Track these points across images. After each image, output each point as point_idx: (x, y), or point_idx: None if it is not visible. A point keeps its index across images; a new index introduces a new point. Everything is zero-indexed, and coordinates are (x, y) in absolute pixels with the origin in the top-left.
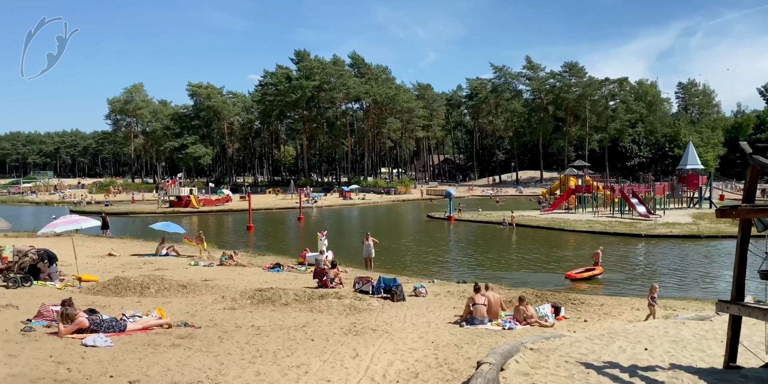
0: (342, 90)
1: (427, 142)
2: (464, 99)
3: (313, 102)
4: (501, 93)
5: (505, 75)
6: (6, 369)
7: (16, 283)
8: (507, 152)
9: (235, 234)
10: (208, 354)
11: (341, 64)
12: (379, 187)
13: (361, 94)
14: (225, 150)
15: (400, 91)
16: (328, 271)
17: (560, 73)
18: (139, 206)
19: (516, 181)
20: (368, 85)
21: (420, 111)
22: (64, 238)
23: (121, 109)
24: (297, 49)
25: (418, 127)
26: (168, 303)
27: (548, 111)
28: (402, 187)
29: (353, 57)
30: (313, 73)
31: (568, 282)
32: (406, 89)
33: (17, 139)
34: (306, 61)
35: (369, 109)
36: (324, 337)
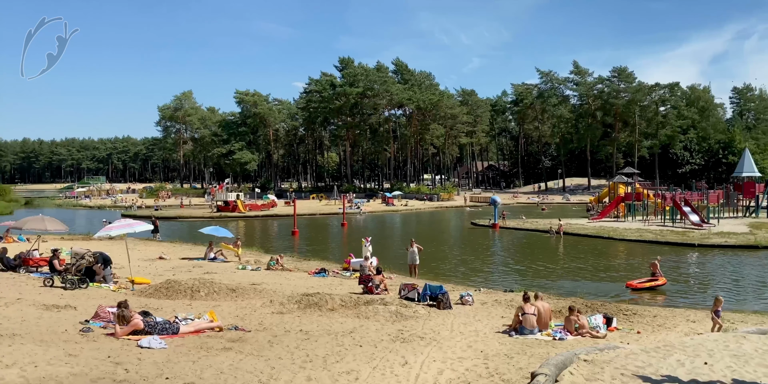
0: (385, 96)
1: (471, 148)
2: (509, 104)
3: (357, 108)
4: (547, 98)
5: (552, 80)
6: (67, 368)
7: (74, 284)
8: (553, 159)
9: (280, 239)
10: (259, 358)
11: (385, 71)
12: (421, 194)
13: (405, 101)
14: (270, 156)
15: (444, 97)
16: (373, 277)
17: (609, 78)
18: (188, 211)
19: (562, 189)
20: (411, 92)
21: (464, 117)
22: (117, 242)
23: (171, 116)
24: (341, 57)
25: (462, 133)
26: (218, 306)
27: (596, 117)
28: (445, 194)
29: (397, 63)
30: (357, 80)
31: (628, 291)
32: (449, 95)
33: (72, 145)
34: (350, 68)
35: (412, 115)
36: (372, 343)
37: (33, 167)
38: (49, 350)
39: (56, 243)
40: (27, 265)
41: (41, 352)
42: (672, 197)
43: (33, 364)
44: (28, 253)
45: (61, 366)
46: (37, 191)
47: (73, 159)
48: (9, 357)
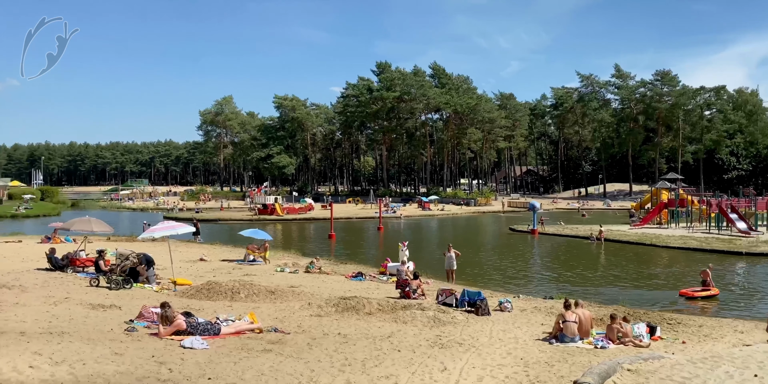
0: (422, 100)
1: (509, 152)
2: (549, 108)
3: (393, 113)
4: (588, 102)
5: (593, 84)
6: (114, 367)
7: (118, 284)
8: (594, 164)
9: (317, 242)
10: (299, 360)
11: (422, 75)
12: (458, 199)
13: (442, 105)
14: (308, 160)
15: (482, 101)
16: (410, 282)
17: (651, 82)
18: (227, 213)
19: (603, 194)
20: (449, 95)
21: (502, 121)
22: (159, 243)
23: (212, 121)
24: (378, 61)
25: (500, 138)
26: (257, 308)
27: (638, 121)
28: (482, 199)
29: (434, 67)
30: (394, 84)
31: (681, 300)
32: (487, 99)
33: (116, 149)
34: (387, 72)
35: (449, 119)
36: (410, 348)
37: (79, 170)
38: (96, 348)
39: (101, 244)
40: (74, 265)
41: (89, 350)
42: (718, 204)
43: (81, 362)
44: (75, 253)
45: (107, 364)
46: (82, 193)
47: (117, 162)
48: (59, 354)
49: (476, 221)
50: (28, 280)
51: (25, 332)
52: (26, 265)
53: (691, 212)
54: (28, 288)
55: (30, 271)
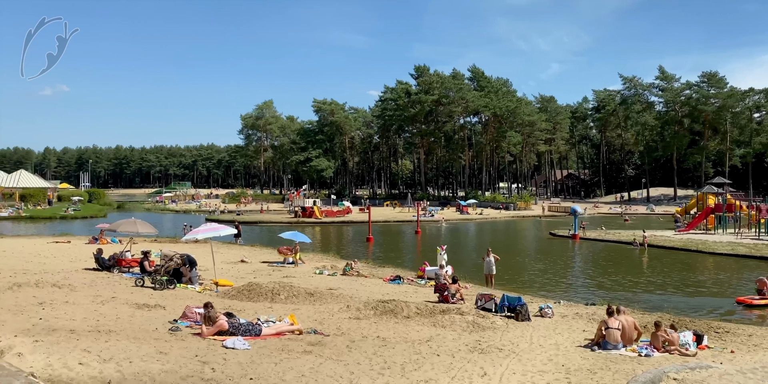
0: (461, 103)
1: (549, 156)
2: (590, 111)
3: (432, 116)
4: (631, 105)
5: (636, 86)
6: (159, 365)
7: (162, 285)
8: (637, 167)
9: (355, 245)
10: (339, 362)
11: (460, 78)
12: (497, 202)
13: (480, 108)
14: (346, 163)
15: (521, 104)
16: (449, 286)
17: (697, 84)
18: (267, 216)
19: (646, 199)
20: (488, 98)
21: (542, 124)
22: (202, 245)
23: (253, 125)
24: (416, 64)
25: (540, 141)
26: (297, 309)
27: (683, 124)
28: (522, 203)
29: (473, 70)
30: (432, 87)
31: (739, 308)
32: (527, 102)
33: (160, 152)
34: (425, 75)
35: (488, 122)
36: (449, 353)
37: (124, 173)
38: (142, 347)
39: (146, 245)
40: (120, 265)
41: (135, 349)
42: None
43: (128, 360)
44: (121, 254)
45: (153, 363)
46: (127, 196)
47: (161, 165)
48: (106, 352)
49: (515, 225)
50: (76, 279)
51: (75, 330)
52: (75, 265)
53: (740, 218)
54: (77, 287)
55: (78, 271)
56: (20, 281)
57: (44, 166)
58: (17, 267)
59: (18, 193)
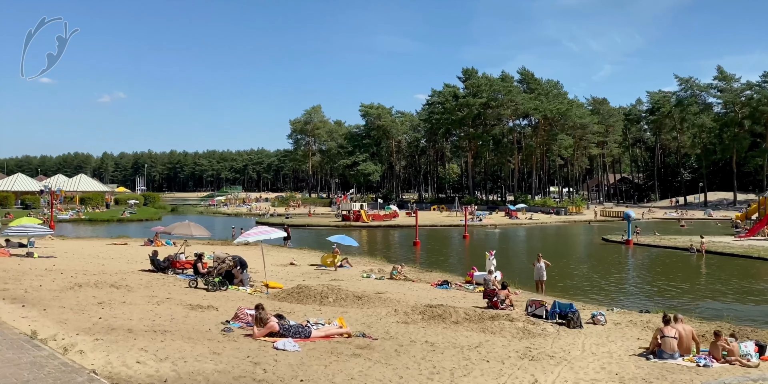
0: (510, 106)
1: (602, 159)
2: (644, 113)
3: (480, 119)
4: (687, 106)
5: (692, 87)
6: (212, 365)
7: (215, 286)
8: (693, 171)
9: (401, 249)
10: (387, 366)
11: (509, 81)
12: (547, 207)
13: (530, 110)
14: (392, 167)
15: (573, 106)
16: (498, 292)
17: (759, 84)
18: (315, 219)
19: (704, 203)
20: (538, 101)
21: (594, 127)
22: (252, 247)
23: (301, 129)
24: (464, 67)
25: (592, 144)
26: (345, 313)
27: (743, 125)
28: (573, 207)
29: (522, 72)
30: (481, 90)
31: None
32: (579, 104)
33: (213, 157)
34: (473, 78)
35: (538, 125)
36: (499, 359)
37: (178, 177)
38: (196, 347)
39: (199, 247)
40: (174, 267)
41: (189, 349)
42: None
43: (183, 360)
44: (175, 256)
45: (206, 363)
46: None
47: (213, 169)
48: (162, 351)
49: (567, 231)
50: (133, 280)
51: (132, 329)
52: (131, 266)
53: None
54: (134, 288)
55: (135, 272)
56: (81, 281)
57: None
58: (78, 268)
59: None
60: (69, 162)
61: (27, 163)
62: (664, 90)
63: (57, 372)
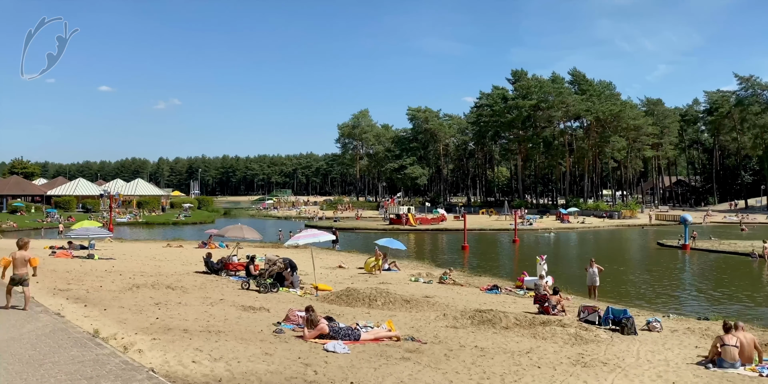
0: (561, 108)
1: (657, 161)
2: (702, 114)
3: (530, 121)
4: (748, 106)
5: (753, 86)
6: (264, 366)
7: (266, 288)
8: (755, 173)
9: (450, 253)
10: (437, 370)
11: (560, 82)
12: (600, 211)
13: (582, 112)
14: (440, 170)
15: (626, 107)
16: (549, 297)
17: None
18: (363, 223)
19: (766, 207)
20: (590, 102)
21: (648, 128)
22: (302, 250)
23: (349, 134)
24: (513, 69)
25: (647, 146)
26: (394, 316)
27: None
28: (627, 211)
29: (573, 73)
30: (530, 92)
31: None
32: (632, 105)
33: (263, 161)
34: (523, 80)
35: (590, 127)
36: (551, 365)
37: (230, 181)
38: (249, 348)
39: (251, 250)
40: (227, 269)
41: (242, 349)
42: None
43: (236, 360)
44: (228, 258)
45: (259, 363)
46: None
47: (263, 174)
48: (216, 351)
49: (620, 235)
50: (188, 281)
51: (188, 330)
52: (186, 268)
53: None
54: (189, 289)
55: (189, 274)
56: (138, 283)
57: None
58: (136, 269)
59: (135, 200)
60: (127, 167)
61: (87, 169)
62: (723, 89)
63: (118, 369)
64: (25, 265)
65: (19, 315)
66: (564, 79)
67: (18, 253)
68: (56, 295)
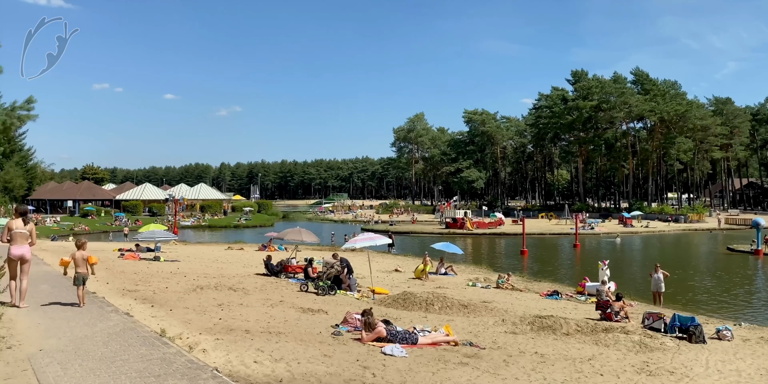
0: (623, 109)
1: (726, 163)
2: None
3: (590, 123)
4: None
5: None
6: (324, 367)
7: (324, 290)
8: None
9: (508, 257)
10: (496, 376)
11: (622, 82)
12: (665, 214)
13: (645, 112)
14: (497, 174)
15: (692, 107)
16: (612, 303)
17: None
18: (419, 226)
19: None
20: (653, 102)
21: (717, 128)
22: (358, 253)
23: (405, 137)
24: (573, 70)
25: (715, 147)
26: (451, 321)
27: None
28: (694, 215)
29: (636, 73)
30: (591, 92)
31: None
32: (699, 104)
33: (320, 166)
34: (583, 80)
35: (654, 127)
36: (614, 373)
37: (289, 185)
38: (308, 349)
39: (309, 253)
40: (286, 271)
41: (302, 351)
42: None
43: (296, 361)
44: (287, 260)
45: (318, 365)
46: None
47: (320, 178)
48: (277, 352)
49: (687, 239)
50: (249, 283)
51: (249, 330)
52: (247, 270)
53: None
54: (250, 291)
55: (250, 276)
56: (202, 284)
57: (220, 179)
58: (199, 271)
59: (198, 204)
60: (190, 172)
61: (153, 174)
62: None
63: (184, 368)
64: (85, 264)
65: (92, 314)
66: (626, 79)
67: (78, 253)
68: (125, 296)
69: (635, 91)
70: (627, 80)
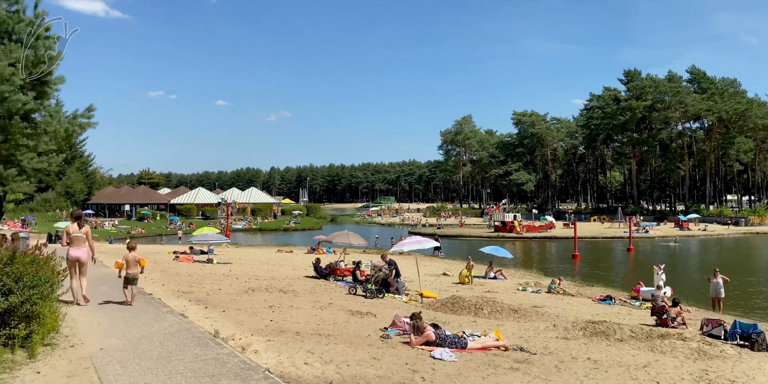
0: (678, 108)
1: None
2: None
3: (644, 123)
4: None
5: None
6: (373, 370)
7: (372, 294)
8: None
9: (559, 262)
10: (547, 382)
11: (677, 81)
12: (724, 217)
13: (702, 112)
14: (547, 176)
15: (753, 106)
16: (668, 309)
17: None
18: (467, 230)
19: None
20: (711, 101)
21: None
22: (406, 256)
23: (452, 140)
24: (626, 69)
25: None
26: (501, 325)
27: None
28: (755, 218)
29: (692, 71)
30: (645, 92)
31: None
32: (760, 103)
33: (367, 169)
34: (636, 80)
35: (712, 127)
36: (671, 381)
37: (336, 188)
38: (357, 352)
39: (357, 256)
40: (335, 274)
41: (351, 353)
42: None
43: (346, 363)
44: (336, 263)
45: (368, 367)
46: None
47: (368, 181)
48: (327, 354)
49: (748, 243)
50: (299, 285)
51: (299, 332)
52: (296, 273)
53: None
54: (299, 293)
55: (300, 278)
56: (253, 286)
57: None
58: (250, 273)
59: (249, 207)
60: (242, 176)
61: (206, 178)
62: None
63: (237, 368)
64: (137, 265)
65: (149, 315)
66: (681, 78)
67: (130, 255)
68: (180, 297)
69: (691, 90)
70: (682, 79)
